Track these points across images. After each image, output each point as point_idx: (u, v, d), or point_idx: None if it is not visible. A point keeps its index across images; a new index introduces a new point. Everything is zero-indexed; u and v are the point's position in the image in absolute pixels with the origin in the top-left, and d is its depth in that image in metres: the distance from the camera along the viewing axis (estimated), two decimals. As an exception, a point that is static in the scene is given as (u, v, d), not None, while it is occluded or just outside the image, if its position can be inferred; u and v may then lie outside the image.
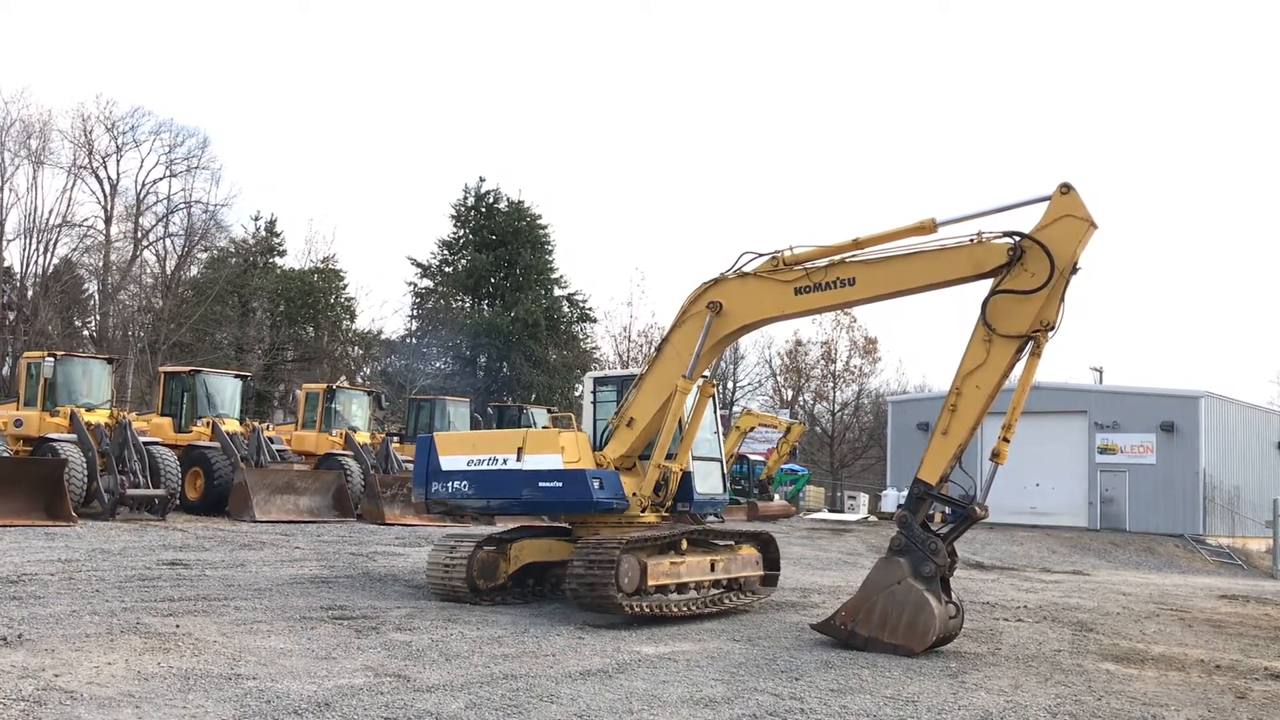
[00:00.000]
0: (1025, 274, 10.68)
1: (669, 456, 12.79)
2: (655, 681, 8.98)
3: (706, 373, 13.01)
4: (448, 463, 13.12)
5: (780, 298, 12.02)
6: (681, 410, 12.64)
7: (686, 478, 13.13)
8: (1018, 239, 10.77)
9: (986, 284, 11.05)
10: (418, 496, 13.66)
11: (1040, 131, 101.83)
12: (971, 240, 11.04)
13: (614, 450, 12.87)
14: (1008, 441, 10.97)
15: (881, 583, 11.07)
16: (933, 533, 11.11)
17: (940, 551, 10.91)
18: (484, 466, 12.86)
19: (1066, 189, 10.68)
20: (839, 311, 58.81)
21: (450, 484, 13.06)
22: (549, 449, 12.54)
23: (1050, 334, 10.78)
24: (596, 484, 12.34)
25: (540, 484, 12.43)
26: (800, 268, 11.83)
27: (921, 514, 11.09)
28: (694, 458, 13.32)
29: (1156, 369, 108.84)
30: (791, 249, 11.94)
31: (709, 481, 13.84)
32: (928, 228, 11.19)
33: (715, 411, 14.42)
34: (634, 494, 12.69)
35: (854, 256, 11.58)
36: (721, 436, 14.81)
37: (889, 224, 11.45)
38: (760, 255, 12.14)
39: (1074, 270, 10.69)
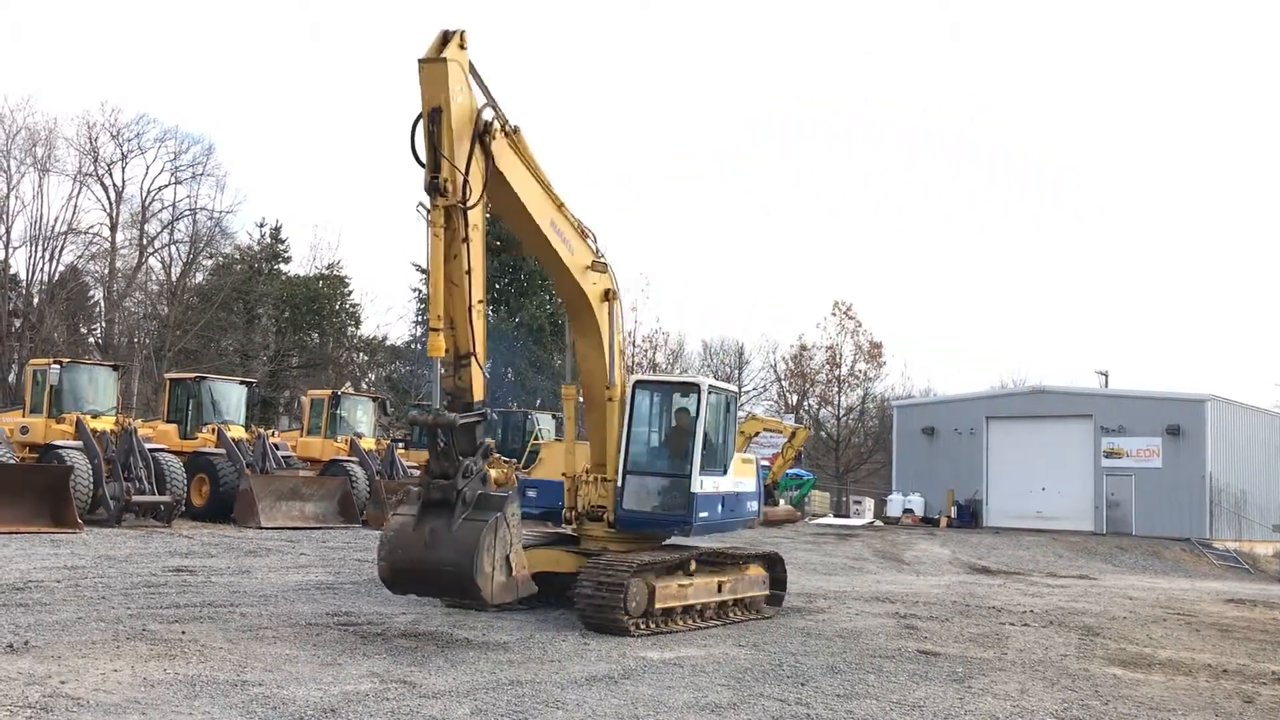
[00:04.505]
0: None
1: (599, 465, 12.93)
2: (660, 687, 8.98)
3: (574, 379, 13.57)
4: None
5: None
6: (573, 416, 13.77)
7: (617, 491, 12.60)
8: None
9: None
10: None
11: (1043, 131, 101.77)
12: None
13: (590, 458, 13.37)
14: (437, 331, 10.26)
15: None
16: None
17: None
18: None
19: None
20: (844, 317, 58.86)
21: None
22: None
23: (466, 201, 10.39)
24: (532, 494, 13.14)
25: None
26: None
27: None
28: (628, 470, 12.59)
29: (1162, 373, 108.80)
30: None
31: (642, 497, 12.69)
32: None
33: (660, 419, 13.33)
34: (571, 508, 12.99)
35: None
36: (698, 447, 12.64)
37: None
38: None
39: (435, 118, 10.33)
